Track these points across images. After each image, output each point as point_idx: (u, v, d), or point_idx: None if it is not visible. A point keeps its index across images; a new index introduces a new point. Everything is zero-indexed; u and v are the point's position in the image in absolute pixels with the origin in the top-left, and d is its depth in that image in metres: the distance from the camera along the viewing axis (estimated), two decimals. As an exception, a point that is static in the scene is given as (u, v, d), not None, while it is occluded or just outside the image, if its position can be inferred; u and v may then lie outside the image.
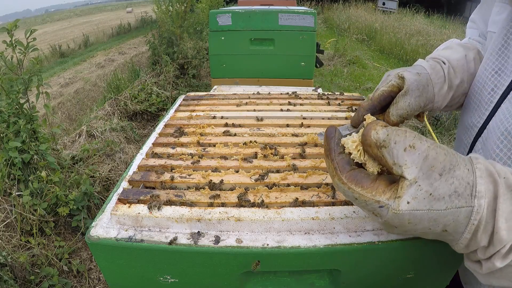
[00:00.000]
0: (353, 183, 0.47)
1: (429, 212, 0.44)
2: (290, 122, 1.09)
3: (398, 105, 0.68)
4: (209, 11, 2.84)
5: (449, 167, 0.44)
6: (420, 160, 0.44)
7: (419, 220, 0.45)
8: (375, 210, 0.46)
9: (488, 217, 0.44)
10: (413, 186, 0.44)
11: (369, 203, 0.46)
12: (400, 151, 0.44)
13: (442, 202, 0.44)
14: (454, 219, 0.44)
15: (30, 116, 2.19)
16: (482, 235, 0.44)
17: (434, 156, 0.44)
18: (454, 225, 0.45)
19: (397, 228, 0.47)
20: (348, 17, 12.18)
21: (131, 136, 3.69)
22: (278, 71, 2.90)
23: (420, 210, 0.44)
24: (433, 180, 0.44)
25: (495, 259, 0.45)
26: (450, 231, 0.46)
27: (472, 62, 0.76)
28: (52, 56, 10.82)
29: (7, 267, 1.82)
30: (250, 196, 0.74)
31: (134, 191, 0.76)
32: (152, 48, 5.27)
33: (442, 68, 0.73)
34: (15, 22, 2.06)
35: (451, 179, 0.44)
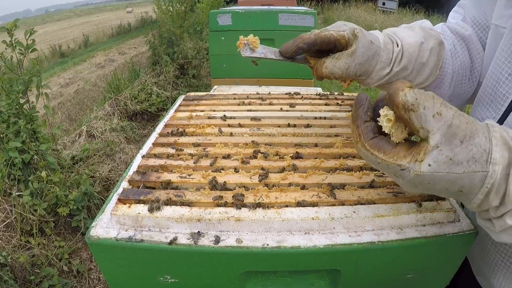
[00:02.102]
0: (376, 149, 0.50)
1: (447, 174, 0.47)
2: (290, 122, 1.09)
3: (337, 63, 0.65)
4: (209, 11, 2.84)
5: (469, 135, 0.47)
6: (445, 128, 0.46)
7: (438, 181, 0.48)
8: (397, 172, 0.49)
9: (501, 181, 0.47)
10: (435, 150, 0.46)
11: (391, 167, 0.49)
12: (429, 117, 0.45)
13: (461, 166, 0.47)
14: (469, 182, 0.48)
15: (30, 116, 2.19)
16: (494, 196, 0.48)
17: (457, 124, 0.46)
18: (469, 187, 0.48)
19: (417, 188, 0.50)
20: (348, 17, 12.18)
21: (131, 136, 3.69)
22: (278, 71, 2.90)
23: (440, 172, 0.47)
24: (454, 147, 0.46)
25: (506, 217, 0.48)
26: (465, 191, 0.49)
27: (427, 52, 0.73)
28: (52, 56, 10.82)
29: (7, 267, 1.82)
30: (250, 196, 0.74)
31: (134, 191, 0.76)
32: (152, 48, 5.27)
33: (392, 50, 0.71)
34: (14, 22, 2.06)
35: (470, 146, 0.47)
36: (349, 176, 0.81)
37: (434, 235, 0.68)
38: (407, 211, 0.70)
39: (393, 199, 0.74)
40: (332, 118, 1.13)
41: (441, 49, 0.76)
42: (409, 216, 0.70)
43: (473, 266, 0.86)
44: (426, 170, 0.46)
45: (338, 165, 0.85)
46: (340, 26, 0.68)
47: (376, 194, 0.74)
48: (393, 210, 0.71)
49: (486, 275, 0.79)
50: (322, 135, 1.00)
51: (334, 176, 0.81)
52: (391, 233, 0.69)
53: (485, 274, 0.79)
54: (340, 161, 0.87)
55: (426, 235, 0.68)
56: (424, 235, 0.68)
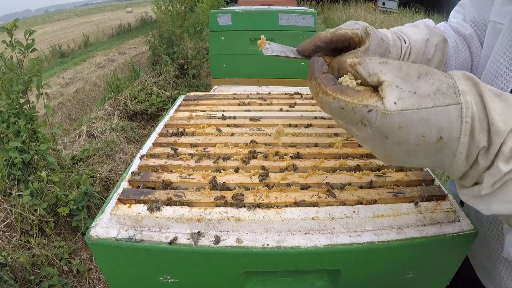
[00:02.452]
0: (338, 93, 0.46)
1: (418, 111, 0.42)
2: (290, 122, 1.09)
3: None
4: (209, 11, 2.84)
5: (425, 72, 0.45)
6: (395, 69, 0.44)
7: (410, 123, 0.43)
8: (364, 117, 0.45)
9: (480, 113, 0.43)
10: (394, 88, 0.43)
11: (357, 109, 0.45)
12: (375, 64, 0.45)
13: (428, 99, 0.43)
14: (446, 120, 0.43)
15: (30, 116, 2.19)
16: (480, 134, 0.43)
17: (407, 66, 0.45)
18: (448, 128, 0.43)
19: (388, 139, 0.45)
20: (348, 17, 12.18)
21: (131, 136, 3.69)
22: (278, 71, 2.90)
23: (409, 109, 0.42)
24: (412, 82, 0.44)
25: (498, 162, 0.43)
26: (445, 138, 0.44)
27: (433, 48, 0.75)
28: (52, 56, 10.82)
29: (7, 267, 1.82)
30: (250, 196, 0.74)
31: (134, 191, 0.77)
32: (152, 48, 5.27)
33: (401, 46, 0.72)
34: (14, 21, 2.06)
35: (430, 80, 0.44)
36: (349, 176, 0.81)
37: (434, 235, 0.68)
38: (407, 211, 0.70)
39: (393, 199, 0.74)
40: (332, 118, 1.13)
41: (445, 45, 0.77)
42: (409, 216, 0.70)
43: (473, 261, 0.86)
44: (393, 108, 0.42)
45: (338, 165, 0.85)
46: (353, 24, 0.69)
47: (376, 194, 0.74)
48: (393, 210, 0.71)
49: (488, 269, 0.79)
50: (322, 135, 1.00)
51: (334, 176, 0.81)
52: (391, 233, 0.69)
53: (487, 268, 0.79)
54: (340, 161, 0.87)
55: (426, 235, 0.68)
56: (424, 235, 0.68)
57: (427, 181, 0.81)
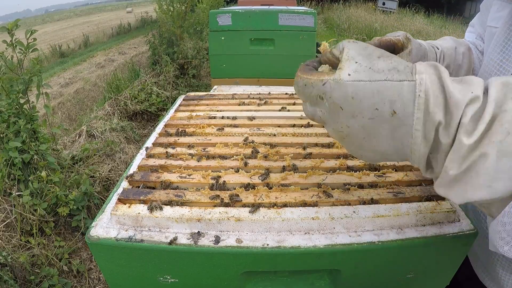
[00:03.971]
0: (305, 74, 0.50)
1: (370, 83, 0.44)
2: (290, 122, 1.09)
3: None
4: (209, 11, 2.84)
5: (387, 55, 0.47)
6: (361, 48, 0.48)
7: (362, 93, 0.44)
8: (319, 90, 0.47)
9: (435, 89, 0.43)
10: (353, 63, 0.46)
11: (315, 84, 0.48)
12: (345, 42, 0.49)
13: (382, 74, 0.44)
14: (398, 93, 0.43)
15: (30, 116, 2.19)
16: (434, 108, 0.42)
17: (373, 48, 0.48)
18: (400, 101, 0.43)
19: (342, 111, 0.46)
20: (348, 17, 12.18)
21: (131, 136, 3.69)
22: (278, 71, 2.89)
23: (361, 80, 0.44)
24: (371, 59, 0.46)
25: (460, 135, 0.41)
26: (399, 113, 0.43)
27: (461, 55, 0.82)
28: (52, 56, 10.82)
29: (7, 267, 1.82)
30: (250, 196, 0.74)
31: (134, 191, 0.77)
32: (152, 48, 5.27)
33: (435, 52, 0.79)
34: (15, 22, 2.06)
35: (389, 60, 0.46)
36: (349, 176, 0.81)
37: (434, 235, 0.68)
38: (407, 211, 0.70)
39: (393, 199, 0.74)
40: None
41: (470, 54, 0.84)
42: (409, 216, 0.70)
43: (471, 257, 0.87)
44: (346, 78, 0.45)
45: (338, 165, 0.85)
46: (394, 33, 0.75)
47: (376, 194, 0.74)
48: (393, 210, 0.71)
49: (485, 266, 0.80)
50: (322, 135, 1.00)
51: (334, 176, 0.81)
52: (391, 233, 0.69)
53: (484, 264, 0.81)
54: (340, 161, 0.87)
55: (426, 235, 0.68)
56: (424, 235, 0.68)
57: (427, 181, 0.81)
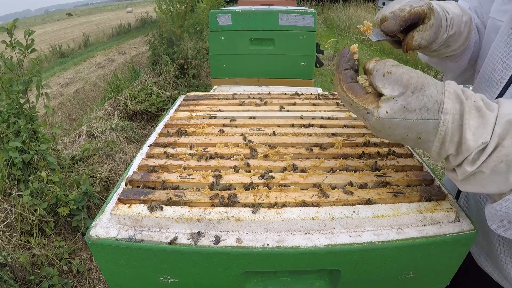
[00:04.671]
0: (350, 92, 0.61)
1: (403, 120, 0.56)
2: (290, 122, 1.09)
3: (424, 34, 0.73)
4: (209, 11, 2.84)
5: (420, 87, 0.55)
6: (396, 82, 0.56)
7: (396, 126, 0.56)
8: (364, 115, 0.59)
9: (453, 130, 0.54)
10: (390, 100, 0.56)
11: (360, 109, 0.59)
12: (380, 76, 0.57)
13: (414, 113, 0.55)
14: (424, 129, 0.55)
15: (30, 116, 2.19)
16: (449, 144, 0.55)
17: (408, 78, 0.55)
18: (425, 134, 0.56)
19: (381, 132, 0.59)
20: (348, 17, 12.17)
21: (131, 136, 3.69)
22: (278, 71, 2.89)
23: (396, 118, 0.56)
24: (406, 97, 0.55)
25: (465, 165, 0.55)
26: (423, 138, 0.57)
27: (463, 24, 0.81)
28: (52, 56, 10.82)
29: (7, 267, 1.82)
30: (250, 196, 0.74)
31: (134, 191, 0.76)
32: (152, 48, 5.27)
33: (446, 17, 0.79)
34: (14, 21, 2.06)
35: (421, 96, 0.55)
36: (349, 176, 0.81)
37: (434, 235, 0.68)
38: (407, 211, 0.70)
39: (393, 199, 0.74)
40: (332, 118, 1.13)
41: (471, 24, 0.85)
42: (409, 216, 0.70)
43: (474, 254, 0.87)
44: (383, 116, 0.56)
45: (338, 165, 0.85)
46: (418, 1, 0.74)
47: (376, 194, 0.74)
48: (393, 210, 0.71)
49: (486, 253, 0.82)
50: (322, 135, 1.00)
51: (334, 176, 0.81)
52: (391, 233, 0.69)
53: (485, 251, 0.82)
54: (340, 161, 0.87)
55: (426, 235, 0.68)
56: (424, 235, 0.68)
57: (427, 181, 0.81)
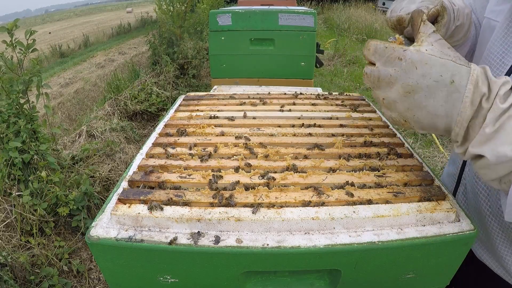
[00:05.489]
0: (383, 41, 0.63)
1: (440, 58, 0.58)
2: (290, 122, 1.09)
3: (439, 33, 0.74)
4: (209, 11, 2.84)
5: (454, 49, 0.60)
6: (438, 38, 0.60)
7: (434, 62, 0.57)
8: (400, 54, 0.59)
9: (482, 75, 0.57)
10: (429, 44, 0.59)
11: (397, 48, 0.60)
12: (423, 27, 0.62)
13: (450, 56, 0.58)
14: (458, 71, 0.57)
15: (30, 116, 2.19)
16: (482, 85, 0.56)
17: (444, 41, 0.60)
18: (458, 75, 0.57)
19: (416, 70, 0.58)
20: (348, 17, 12.17)
21: (131, 136, 3.69)
22: (278, 71, 2.89)
23: (435, 56, 0.58)
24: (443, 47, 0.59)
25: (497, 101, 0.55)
26: (456, 82, 0.57)
27: (465, 16, 0.82)
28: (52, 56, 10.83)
29: (7, 267, 1.82)
30: (250, 196, 0.74)
31: (134, 191, 0.77)
32: (152, 48, 5.27)
33: (452, 9, 0.80)
34: (14, 21, 2.06)
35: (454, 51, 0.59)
36: (349, 176, 0.81)
37: (434, 235, 0.68)
38: (407, 211, 0.70)
39: (393, 199, 0.74)
40: (332, 118, 1.13)
41: (471, 17, 0.85)
42: (409, 216, 0.70)
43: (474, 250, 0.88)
44: (424, 50, 0.58)
45: (338, 165, 0.85)
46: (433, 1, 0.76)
47: (376, 194, 0.74)
48: (393, 210, 0.71)
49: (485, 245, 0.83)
50: (322, 135, 1.00)
51: (334, 176, 0.81)
52: (391, 233, 0.69)
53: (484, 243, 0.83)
54: (340, 161, 0.87)
55: (426, 235, 0.68)
56: (424, 235, 0.68)
57: (427, 181, 0.81)
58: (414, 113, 0.61)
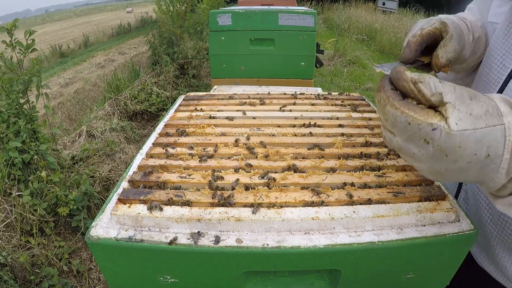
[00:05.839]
0: (406, 108, 0.49)
1: (474, 131, 0.47)
2: (290, 122, 1.09)
3: (447, 48, 0.70)
4: (209, 11, 2.84)
5: (474, 95, 0.50)
6: (452, 89, 0.49)
7: (467, 142, 0.48)
8: (427, 134, 0.48)
9: None
10: (456, 111, 0.48)
11: (422, 126, 0.48)
12: (437, 83, 0.49)
13: (481, 120, 0.48)
14: (494, 139, 0.48)
15: (30, 116, 2.19)
16: None
17: (459, 87, 0.50)
18: (494, 146, 0.48)
19: (447, 158, 0.49)
20: (348, 17, 12.17)
21: (131, 136, 3.69)
22: (278, 71, 2.89)
23: (467, 130, 0.47)
24: (467, 104, 0.48)
25: None
26: (492, 155, 0.49)
27: (480, 29, 0.81)
28: (52, 56, 10.83)
29: (7, 267, 1.82)
30: (250, 196, 0.74)
31: (134, 191, 0.76)
32: (152, 48, 5.27)
33: (464, 22, 0.78)
34: (14, 22, 2.06)
35: (479, 102, 0.49)
36: (349, 176, 0.81)
37: (434, 235, 0.68)
38: (407, 211, 0.70)
39: (393, 199, 0.74)
40: (332, 118, 1.13)
41: (483, 31, 0.83)
42: (409, 216, 0.70)
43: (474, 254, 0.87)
44: (455, 128, 0.47)
45: (338, 165, 0.85)
46: (428, 21, 0.74)
47: (376, 194, 0.74)
48: (393, 210, 0.71)
49: (485, 250, 0.82)
50: (322, 135, 1.00)
51: (334, 176, 0.81)
52: (391, 233, 0.69)
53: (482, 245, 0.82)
54: (340, 161, 0.86)
55: (426, 235, 0.68)
56: (424, 235, 0.68)
57: (427, 181, 0.81)
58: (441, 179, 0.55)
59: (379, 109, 0.53)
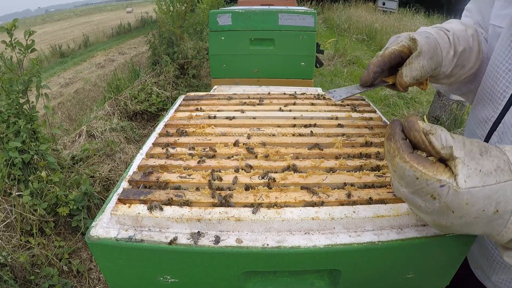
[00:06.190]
0: (415, 162, 0.48)
1: (483, 188, 0.46)
2: (290, 122, 1.09)
3: (412, 66, 0.68)
4: (209, 11, 2.84)
5: (485, 149, 0.48)
6: (462, 145, 0.48)
7: (475, 199, 0.46)
8: (435, 191, 0.47)
9: None
10: (465, 168, 0.46)
11: (430, 182, 0.47)
12: (448, 136, 0.48)
13: (491, 177, 0.46)
14: (503, 195, 0.46)
15: (30, 116, 2.19)
16: None
17: (470, 142, 0.49)
18: (504, 202, 0.47)
19: (453, 214, 0.48)
20: (348, 17, 12.18)
21: (131, 136, 3.69)
22: (278, 71, 2.90)
23: (476, 187, 0.46)
24: (477, 160, 0.47)
25: None
26: (500, 210, 0.47)
27: (471, 38, 0.77)
28: (52, 56, 10.83)
29: (7, 267, 1.82)
30: (250, 196, 0.74)
31: (134, 191, 0.76)
32: (152, 48, 5.27)
33: (446, 35, 0.74)
34: (14, 21, 2.06)
35: (490, 157, 0.48)
36: (349, 176, 0.81)
37: (434, 235, 0.68)
38: (407, 211, 0.70)
39: (393, 199, 0.74)
40: (332, 118, 1.13)
41: (478, 36, 0.79)
42: (409, 216, 0.70)
43: (470, 260, 0.87)
44: (463, 186, 0.46)
45: (338, 165, 0.85)
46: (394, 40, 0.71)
47: (376, 194, 0.74)
48: (393, 210, 0.71)
49: (485, 270, 0.80)
50: (322, 135, 1.00)
51: (334, 176, 0.81)
52: (391, 233, 0.69)
53: (484, 269, 0.81)
54: (340, 161, 0.87)
55: (426, 235, 0.68)
56: (424, 235, 0.68)
57: (427, 181, 0.80)
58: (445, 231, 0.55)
59: (388, 159, 0.52)
